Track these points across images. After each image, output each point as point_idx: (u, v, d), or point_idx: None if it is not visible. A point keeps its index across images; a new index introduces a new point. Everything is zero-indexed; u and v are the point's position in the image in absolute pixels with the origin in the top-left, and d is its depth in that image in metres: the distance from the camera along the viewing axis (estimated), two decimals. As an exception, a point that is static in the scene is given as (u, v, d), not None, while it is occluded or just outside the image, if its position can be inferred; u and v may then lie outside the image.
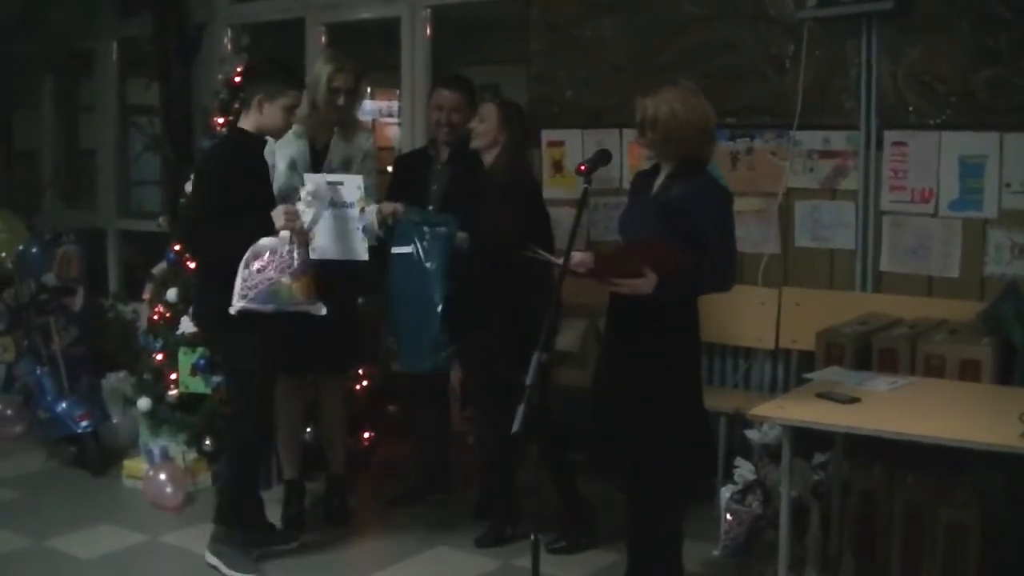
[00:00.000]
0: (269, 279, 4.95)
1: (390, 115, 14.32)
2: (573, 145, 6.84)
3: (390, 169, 6.46)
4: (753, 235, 6.12)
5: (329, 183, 5.25)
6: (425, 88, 7.62)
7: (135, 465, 6.40)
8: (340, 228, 5.23)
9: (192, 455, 6.10)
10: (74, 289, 7.63)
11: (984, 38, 5.60)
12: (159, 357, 6.48)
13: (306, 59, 8.00)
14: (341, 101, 5.63)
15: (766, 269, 6.15)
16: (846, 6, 5.77)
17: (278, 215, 5.01)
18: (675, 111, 4.32)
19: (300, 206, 5.12)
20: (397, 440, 6.75)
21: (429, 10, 7.68)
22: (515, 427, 3.71)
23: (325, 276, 5.38)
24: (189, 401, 6.33)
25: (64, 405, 6.76)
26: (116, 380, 7.13)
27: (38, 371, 7.00)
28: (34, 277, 7.44)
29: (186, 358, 6.26)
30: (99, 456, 6.68)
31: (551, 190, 6.53)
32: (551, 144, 6.94)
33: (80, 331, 7.61)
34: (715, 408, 5.48)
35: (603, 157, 4.44)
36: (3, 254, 7.45)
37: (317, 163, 5.63)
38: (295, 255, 4.99)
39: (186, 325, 6.29)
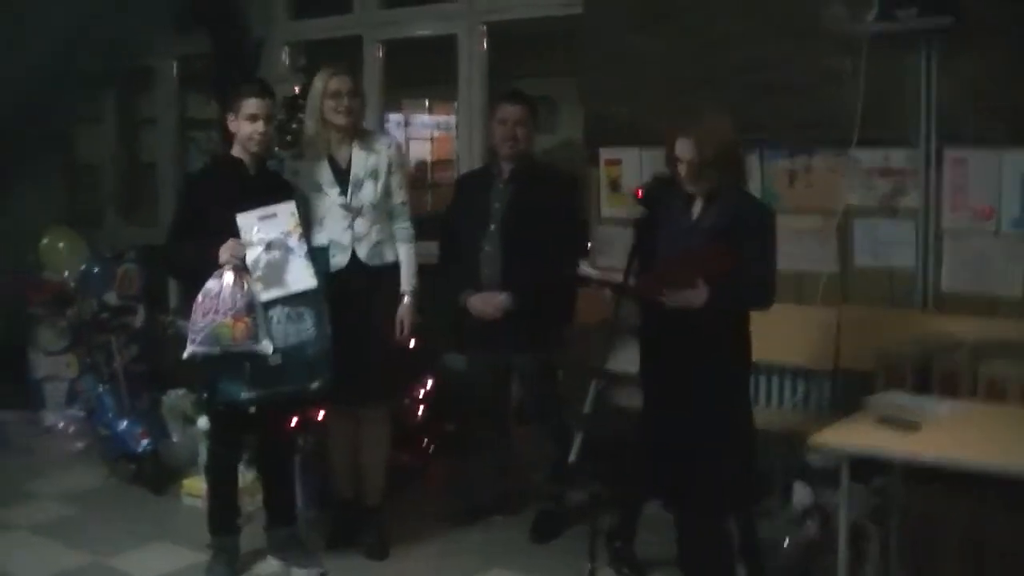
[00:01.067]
0: (211, 321, 4.98)
1: (447, 128, 14.39)
2: (630, 164, 6.80)
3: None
4: (811, 253, 6.06)
5: (262, 218, 5.15)
6: (482, 102, 7.72)
7: (194, 483, 6.42)
8: (282, 262, 5.15)
9: (251, 474, 6.11)
10: (134, 307, 7.72)
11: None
12: (217, 375, 6.49)
13: (363, 76, 8.04)
14: (344, 104, 5.50)
15: (825, 288, 6.08)
16: (904, 22, 5.70)
17: (224, 249, 5.05)
18: (725, 141, 4.36)
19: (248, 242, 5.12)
20: (454, 458, 6.72)
21: (485, 27, 7.70)
22: (572, 456, 3.72)
23: (371, 301, 5.50)
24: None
25: (124, 424, 6.81)
26: (176, 398, 7.17)
27: (99, 389, 7.08)
28: (95, 295, 7.54)
29: (245, 377, 6.27)
30: (158, 474, 6.72)
31: (608, 209, 6.53)
32: (608, 163, 6.92)
33: (140, 348, 7.73)
34: (773, 428, 5.46)
35: (660, 183, 4.45)
36: (65, 273, 7.53)
37: (343, 180, 5.54)
38: (237, 296, 4.99)
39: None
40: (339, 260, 5.49)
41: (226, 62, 8.52)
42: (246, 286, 5.02)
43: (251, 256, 5.07)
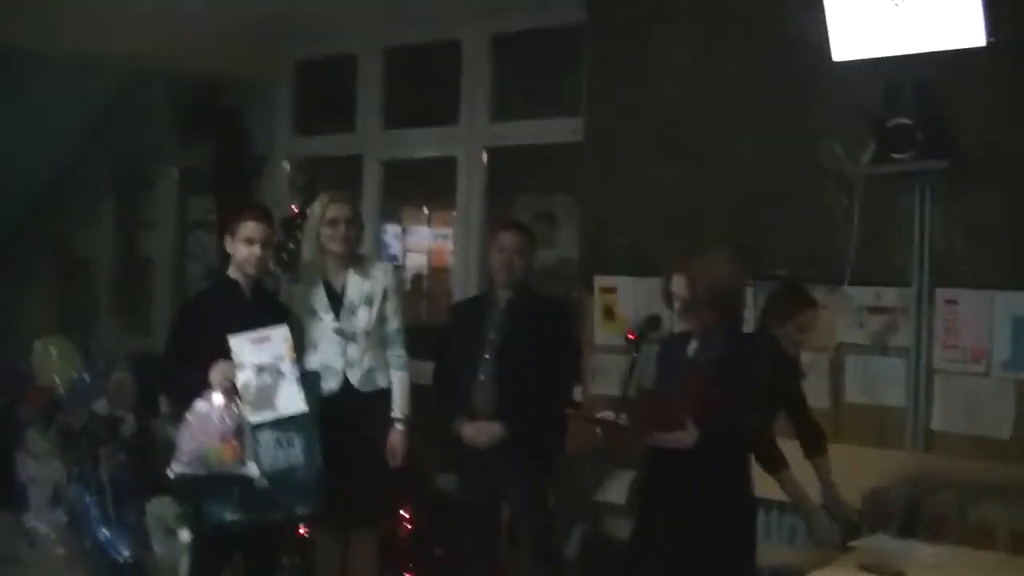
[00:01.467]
0: (200, 443, 4.98)
1: (444, 239, 14.43)
2: (625, 292, 6.85)
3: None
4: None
5: (254, 341, 5.16)
6: (479, 217, 7.87)
7: (175, 597, 6.36)
8: (273, 385, 5.15)
9: (232, 595, 6.07)
10: (124, 416, 7.69)
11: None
12: (201, 488, 6.47)
13: (363, 193, 8.13)
14: (341, 232, 5.54)
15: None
16: (900, 164, 5.76)
17: (216, 371, 5.06)
18: (721, 280, 4.39)
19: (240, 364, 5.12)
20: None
21: (485, 152, 7.78)
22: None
23: (361, 427, 5.51)
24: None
25: (107, 533, 6.76)
26: (160, 506, 7.11)
27: (86, 498, 7.01)
28: (85, 405, 7.51)
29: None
30: (139, 585, 6.65)
31: (602, 336, 6.56)
32: (603, 290, 6.96)
33: (129, 456, 7.66)
34: (761, 564, 5.42)
35: (653, 323, 4.48)
36: (56, 380, 7.52)
37: (337, 305, 5.57)
38: (225, 418, 5.00)
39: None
40: (331, 385, 5.49)
41: (227, 172, 8.59)
42: (235, 409, 5.02)
43: (242, 379, 5.08)
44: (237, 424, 5.01)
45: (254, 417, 5.09)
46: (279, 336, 5.20)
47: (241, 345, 5.12)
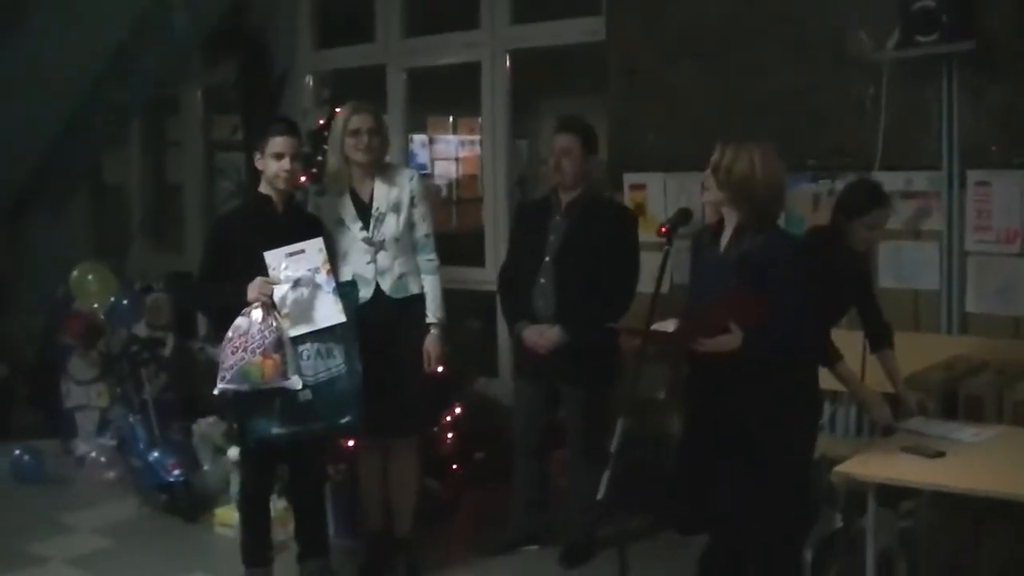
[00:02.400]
0: (241, 359, 5.00)
1: (472, 146, 14.46)
2: (655, 189, 6.87)
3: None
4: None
5: (290, 255, 5.18)
6: (505, 123, 7.87)
7: (226, 513, 6.45)
8: (310, 298, 5.18)
9: (282, 504, 6.15)
10: (164, 337, 7.80)
11: (1067, 76, 5.55)
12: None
13: (387, 105, 8.13)
14: (364, 142, 5.53)
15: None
16: (925, 47, 5.71)
17: (253, 287, 5.08)
18: (754, 166, 4.31)
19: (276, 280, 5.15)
20: (485, 487, 6.77)
21: (508, 55, 7.76)
22: (600, 494, 3.74)
23: (397, 334, 5.54)
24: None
25: (156, 454, 6.86)
26: (206, 426, 7.21)
27: (130, 419, 7.12)
28: (125, 327, 7.61)
29: (275, 407, 6.32)
30: (191, 504, 6.75)
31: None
32: (633, 187, 6.97)
33: (170, 377, 7.78)
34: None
35: (684, 217, 4.45)
36: (95, 305, 7.60)
37: (365, 214, 5.57)
38: (265, 333, 5.02)
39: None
40: (363, 294, 5.51)
41: (252, 91, 8.59)
42: (274, 323, 5.06)
43: (279, 293, 5.11)
44: (277, 338, 5.03)
45: (293, 330, 5.12)
46: (314, 248, 5.23)
47: (277, 259, 5.15)
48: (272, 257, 5.16)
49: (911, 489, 4.79)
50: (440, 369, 5.76)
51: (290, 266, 5.14)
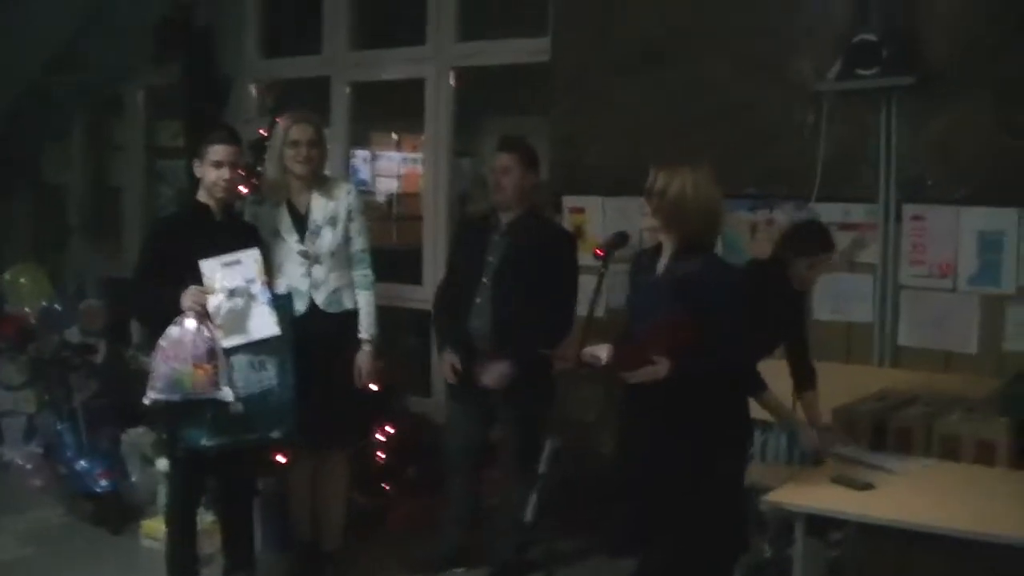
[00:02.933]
0: (172, 368, 4.98)
1: (415, 162, 14.41)
2: (594, 212, 6.88)
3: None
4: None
5: (225, 264, 5.15)
6: (448, 140, 7.84)
7: (153, 525, 6.35)
8: (245, 309, 5.16)
9: (210, 517, 6.10)
10: (96, 344, 7.71)
11: (1006, 112, 5.61)
12: (178, 417, 6.50)
13: (331, 117, 8.10)
14: (303, 154, 5.51)
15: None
16: (866, 80, 5.77)
17: (187, 295, 5.05)
18: (685, 189, 4.32)
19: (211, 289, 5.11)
20: (415, 503, 6.73)
21: (453, 72, 7.75)
22: (528, 516, 3.72)
23: (329, 348, 5.50)
24: (207, 462, 6.35)
25: (84, 463, 6.77)
26: (136, 436, 7.14)
27: (59, 426, 7.03)
28: (57, 332, 7.52)
29: (205, 419, 6.28)
30: (117, 514, 6.68)
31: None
32: (573, 211, 6.97)
33: (101, 384, 7.69)
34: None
35: (620, 240, 4.45)
36: (27, 308, 7.51)
37: (301, 227, 5.55)
38: (198, 343, 4.99)
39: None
40: (297, 307, 5.49)
41: (195, 95, 8.53)
42: (208, 333, 5.02)
43: (213, 303, 5.07)
44: (210, 348, 5.00)
45: (227, 341, 5.09)
46: (250, 259, 5.20)
47: (212, 268, 5.12)
48: (207, 266, 5.12)
49: (840, 519, 4.83)
50: (373, 386, 5.74)
51: (226, 276, 5.11)
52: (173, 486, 5.54)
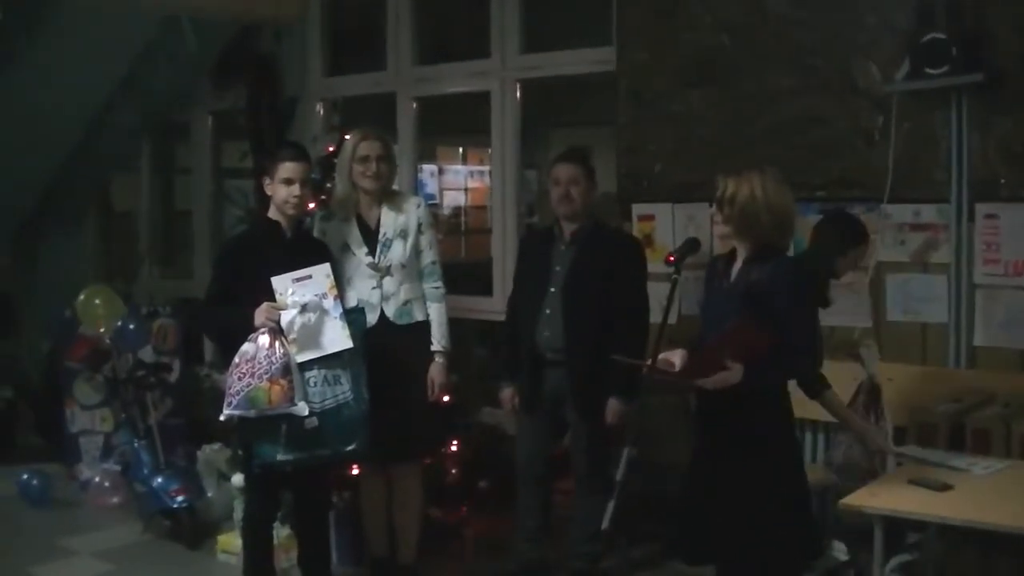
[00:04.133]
0: (248, 384, 5.02)
1: (482, 176, 14.49)
2: (663, 219, 6.85)
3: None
4: (844, 309, 6.02)
5: (296, 280, 5.18)
6: (515, 152, 7.86)
7: (229, 539, 6.41)
8: (317, 324, 5.17)
9: (285, 531, 6.13)
10: (170, 363, 7.80)
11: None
12: (252, 432, 6.54)
13: (397, 133, 8.14)
14: (372, 169, 5.57)
15: (858, 344, 6.07)
16: (935, 79, 5.71)
17: (260, 312, 5.09)
18: (755, 193, 4.30)
19: (283, 305, 5.14)
20: (488, 516, 6.75)
21: (518, 84, 7.78)
22: (604, 523, 3.71)
23: (400, 360, 5.54)
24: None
25: (160, 479, 6.82)
26: (211, 452, 7.20)
27: (135, 444, 7.10)
28: (131, 351, 7.61)
29: (279, 434, 6.31)
30: (194, 530, 6.72)
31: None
32: (641, 218, 6.96)
33: (176, 402, 7.82)
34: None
35: (692, 246, 4.45)
36: (101, 329, 7.60)
37: (371, 240, 5.61)
38: (272, 358, 5.03)
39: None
40: (368, 319, 5.53)
41: (261, 117, 8.62)
42: (281, 349, 5.05)
43: (286, 318, 5.10)
44: (284, 363, 5.03)
45: (300, 356, 5.12)
46: (321, 274, 5.23)
47: (284, 284, 5.16)
48: (279, 282, 5.16)
49: (918, 521, 4.78)
50: (445, 398, 5.76)
51: (297, 291, 5.14)
52: (248, 501, 5.58)
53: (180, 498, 6.76)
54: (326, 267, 5.27)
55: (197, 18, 8.26)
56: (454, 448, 6.65)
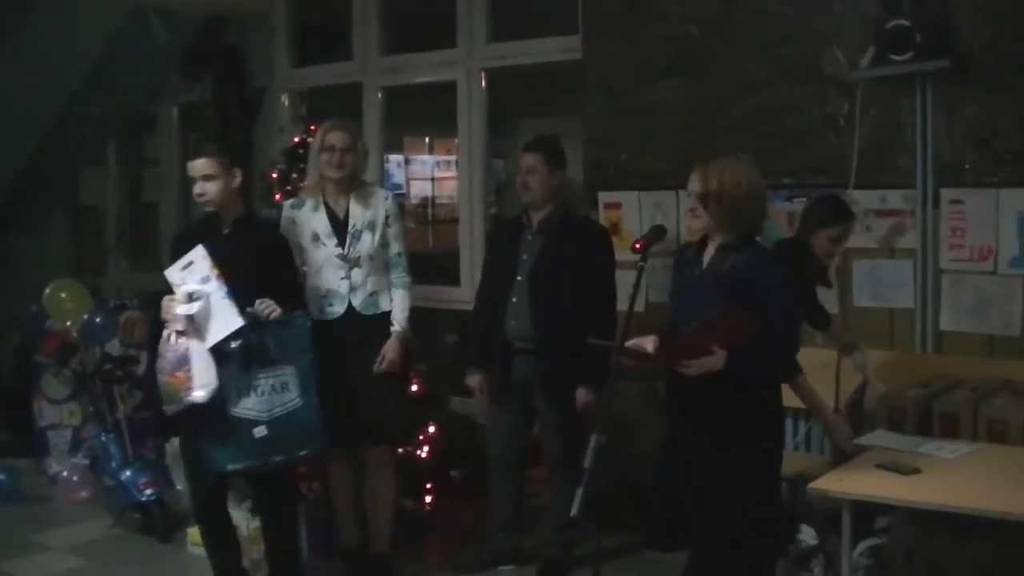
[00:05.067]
0: (162, 381, 5.04)
1: (448, 166, 14.46)
2: (630, 208, 6.87)
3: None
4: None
5: (183, 268, 5.09)
6: (482, 142, 7.89)
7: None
8: (207, 308, 5.06)
9: (255, 524, 6.12)
10: (138, 355, 7.76)
11: (1042, 94, 5.58)
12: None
13: (364, 124, 8.13)
14: (336, 159, 5.60)
15: (843, 340, 6.07)
16: (901, 65, 5.73)
17: (162, 308, 5.08)
18: (741, 184, 4.29)
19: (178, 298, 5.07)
20: (460, 505, 6.76)
21: (484, 73, 7.78)
22: (573, 511, 3.71)
23: (365, 349, 5.56)
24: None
25: (129, 473, 6.80)
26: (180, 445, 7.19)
27: (103, 437, 7.06)
28: (99, 345, 7.57)
29: (248, 428, 6.29)
30: (164, 523, 6.70)
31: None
32: (608, 206, 6.97)
33: (145, 395, 7.74)
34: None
35: (658, 233, 4.41)
36: (68, 323, 7.56)
37: (341, 232, 5.64)
38: (170, 352, 5.01)
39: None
40: (336, 309, 5.60)
41: (228, 109, 8.59)
42: (179, 340, 5.02)
43: (182, 309, 5.04)
44: (180, 355, 4.99)
45: (208, 342, 5.05)
46: (199, 256, 5.10)
47: (175, 276, 5.10)
48: (171, 274, 5.11)
49: (886, 505, 4.81)
50: (414, 387, 5.76)
51: (186, 279, 5.07)
52: (195, 501, 5.53)
53: (149, 491, 6.74)
54: (201, 249, 5.12)
55: (164, 10, 8.22)
56: (425, 439, 6.63)
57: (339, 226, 5.65)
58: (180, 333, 5.02)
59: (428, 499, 6.62)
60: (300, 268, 5.63)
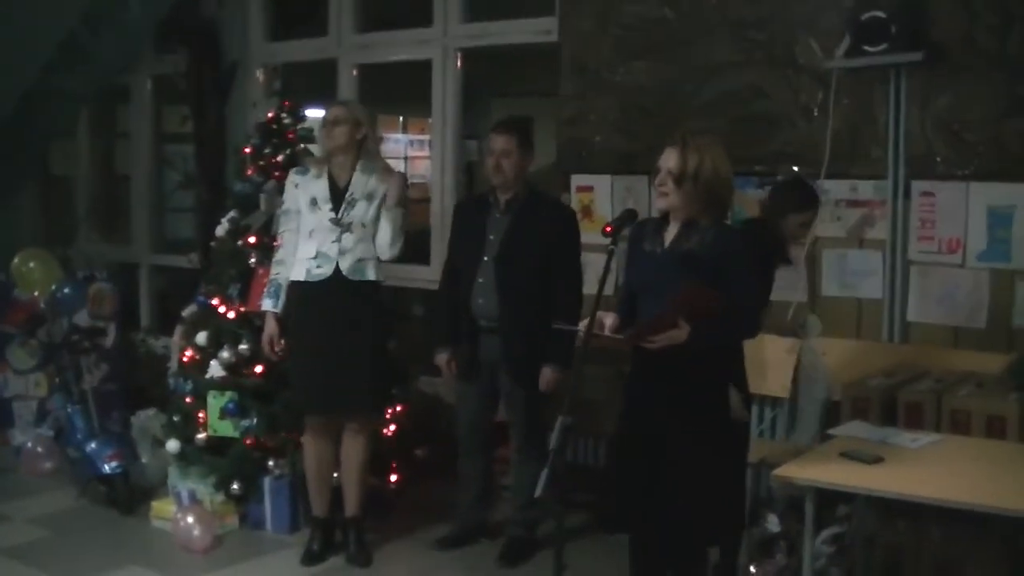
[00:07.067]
0: None
1: (421, 146, 14.41)
2: (602, 190, 6.88)
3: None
4: (780, 283, 6.04)
5: None
6: (455, 122, 7.85)
7: (164, 506, 6.42)
8: None
9: (220, 498, 6.12)
10: (106, 327, 7.73)
11: (1014, 88, 5.60)
12: (188, 400, 6.54)
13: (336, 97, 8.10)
14: (331, 133, 5.82)
15: (793, 318, 6.13)
16: (874, 56, 5.76)
17: None
18: (717, 166, 4.30)
19: None
20: (425, 484, 6.78)
21: (459, 53, 7.76)
22: (538, 491, 3.71)
23: (347, 315, 5.70)
24: (218, 444, 6.39)
25: (94, 445, 6.77)
26: (146, 418, 7.17)
27: (69, 409, 7.03)
28: (67, 316, 7.54)
29: (215, 402, 6.31)
30: (128, 496, 6.69)
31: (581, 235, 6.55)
32: (580, 189, 6.98)
33: (111, 367, 7.72)
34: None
35: (629, 216, 4.41)
36: (36, 293, 7.52)
37: (338, 199, 5.79)
38: None
39: (215, 369, 6.35)
40: (324, 271, 5.74)
41: (202, 82, 8.55)
42: None
43: None
44: None
45: None
46: None
47: None
48: None
49: (849, 493, 4.83)
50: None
51: None
52: None
53: (114, 464, 6.72)
54: None
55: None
56: (392, 416, 6.62)
57: (338, 194, 5.81)
58: None
59: (393, 477, 6.62)
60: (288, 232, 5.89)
